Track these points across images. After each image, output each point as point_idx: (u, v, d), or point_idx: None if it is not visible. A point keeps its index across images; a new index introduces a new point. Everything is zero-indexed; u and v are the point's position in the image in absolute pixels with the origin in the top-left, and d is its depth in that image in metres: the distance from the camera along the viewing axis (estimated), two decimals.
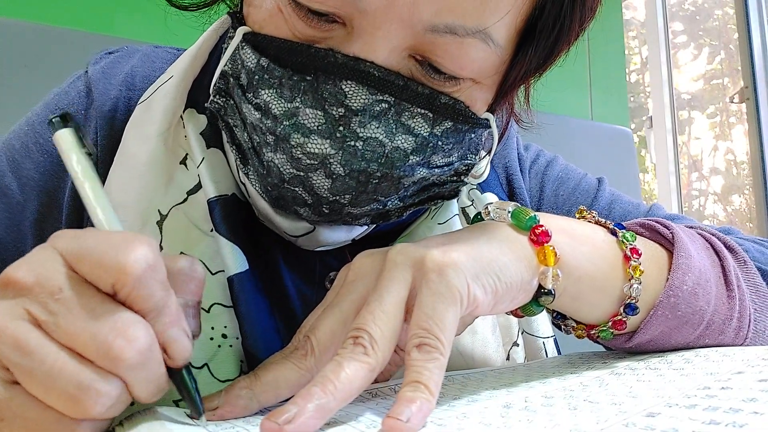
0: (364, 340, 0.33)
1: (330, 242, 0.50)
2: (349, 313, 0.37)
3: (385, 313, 0.34)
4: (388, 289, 0.35)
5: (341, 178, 0.42)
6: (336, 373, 0.32)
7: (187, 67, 0.53)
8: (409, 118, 0.42)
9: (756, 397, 0.30)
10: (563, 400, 0.34)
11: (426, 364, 0.33)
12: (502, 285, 0.38)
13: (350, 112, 0.40)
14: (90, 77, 0.55)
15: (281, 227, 0.48)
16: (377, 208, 0.46)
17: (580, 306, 0.43)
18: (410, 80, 0.41)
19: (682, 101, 3.01)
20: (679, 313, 0.44)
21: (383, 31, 0.39)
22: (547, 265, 0.40)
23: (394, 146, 0.42)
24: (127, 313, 0.29)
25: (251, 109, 0.43)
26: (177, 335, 0.31)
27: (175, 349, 0.31)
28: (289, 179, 0.43)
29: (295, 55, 0.41)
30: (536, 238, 0.40)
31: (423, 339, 0.33)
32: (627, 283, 0.43)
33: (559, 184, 0.65)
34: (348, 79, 0.40)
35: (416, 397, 0.31)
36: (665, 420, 0.28)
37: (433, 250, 0.36)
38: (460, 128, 0.44)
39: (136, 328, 0.29)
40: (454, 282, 0.35)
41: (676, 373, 0.38)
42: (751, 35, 2.31)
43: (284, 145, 0.41)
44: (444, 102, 0.43)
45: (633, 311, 0.43)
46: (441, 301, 0.34)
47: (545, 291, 0.40)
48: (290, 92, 0.41)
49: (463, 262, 0.36)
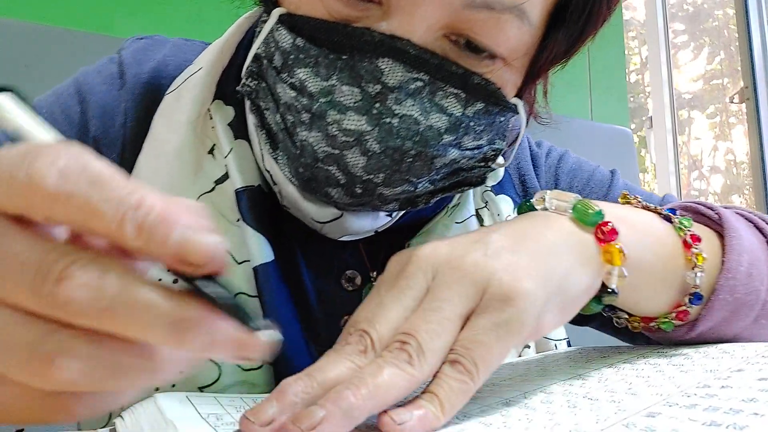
0: (411, 347, 0.30)
1: (355, 230, 0.50)
2: (412, 309, 0.33)
3: (441, 325, 0.31)
4: (449, 301, 0.32)
5: (376, 156, 0.42)
6: (374, 376, 0.29)
7: (215, 59, 0.53)
8: (443, 98, 0.43)
9: (756, 398, 0.30)
10: (562, 397, 0.34)
11: (451, 382, 0.30)
12: (570, 299, 0.36)
13: (386, 89, 0.41)
14: (123, 60, 0.56)
15: (308, 213, 0.48)
16: (408, 190, 0.46)
17: (641, 298, 0.42)
18: (444, 59, 0.42)
19: (682, 101, 3.01)
20: (737, 295, 0.43)
21: (421, 9, 0.40)
22: (613, 264, 0.38)
23: (428, 125, 0.42)
24: (58, 247, 0.21)
25: (286, 89, 0.43)
26: (185, 234, 0.21)
27: (190, 253, 0.21)
28: (323, 158, 0.43)
29: (332, 34, 0.41)
30: (603, 237, 0.38)
31: (460, 357, 0.31)
32: (690, 272, 0.42)
33: (573, 176, 0.65)
34: (384, 56, 0.41)
35: (424, 407, 0.29)
36: (665, 420, 0.28)
37: (506, 273, 0.33)
38: (491, 110, 0.45)
39: (66, 263, 0.21)
40: (520, 316, 0.32)
41: (675, 369, 0.38)
42: (751, 35, 2.30)
43: (320, 123, 0.42)
44: (476, 82, 0.43)
45: (699, 300, 0.42)
46: (496, 331, 0.31)
47: (608, 290, 0.38)
48: (326, 70, 0.41)
49: (534, 291, 0.33)
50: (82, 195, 0.20)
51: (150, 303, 0.21)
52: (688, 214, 0.48)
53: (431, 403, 0.29)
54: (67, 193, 0.20)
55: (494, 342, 0.31)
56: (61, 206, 0.21)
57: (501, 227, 0.38)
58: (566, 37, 0.45)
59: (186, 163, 0.49)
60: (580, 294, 0.37)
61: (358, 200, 0.45)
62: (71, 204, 0.20)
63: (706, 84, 3.14)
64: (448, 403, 0.30)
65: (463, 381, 0.30)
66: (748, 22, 2.32)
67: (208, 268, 0.22)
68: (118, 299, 0.21)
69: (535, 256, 0.35)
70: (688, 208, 0.49)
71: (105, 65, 0.56)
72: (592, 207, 0.39)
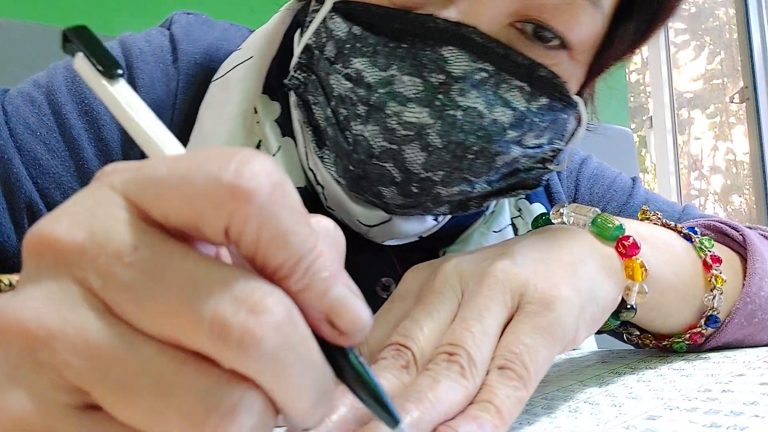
0: (462, 359, 0.28)
1: (403, 233, 0.48)
2: (447, 323, 0.32)
3: (486, 334, 0.30)
4: (490, 309, 0.31)
5: (437, 152, 0.40)
6: (433, 390, 0.27)
7: (265, 47, 0.50)
8: (507, 91, 0.40)
9: (757, 401, 0.30)
10: (563, 402, 0.34)
11: (505, 389, 0.28)
12: (599, 310, 0.35)
13: (451, 79, 0.39)
14: (174, 35, 0.52)
15: (354, 215, 0.46)
16: (465, 190, 0.43)
17: (657, 316, 0.41)
18: (511, 49, 0.40)
19: (683, 101, 3.00)
20: (756, 320, 0.42)
21: None
22: (635, 279, 0.37)
23: (492, 119, 0.40)
24: (248, 275, 0.18)
25: (341, 80, 0.41)
26: (344, 294, 0.19)
27: (345, 316, 0.19)
28: (379, 154, 0.40)
29: (392, 22, 0.39)
30: (625, 251, 0.37)
31: (509, 363, 0.28)
32: (709, 294, 0.41)
33: (594, 182, 0.64)
34: (449, 44, 0.38)
35: (482, 417, 0.26)
36: (666, 423, 0.28)
37: (541, 280, 0.32)
38: (555, 106, 0.43)
39: (264, 293, 0.18)
40: (562, 321, 0.31)
41: (676, 373, 0.38)
42: (751, 35, 2.30)
43: (378, 115, 0.39)
44: (542, 75, 0.41)
45: (714, 323, 0.41)
46: (541, 335, 0.30)
47: (627, 306, 0.37)
48: (386, 60, 0.39)
49: (571, 298, 0.32)
50: (283, 220, 0.18)
51: (320, 371, 0.19)
52: (711, 234, 0.47)
53: (488, 413, 0.27)
54: (272, 213, 0.18)
55: (540, 346, 0.30)
56: (259, 226, 0.18)
57: (522, 239, 0.37)
58: (634, 29, 0.43)
59: None
60: (607, 306, 0.35)
61: (412, 200, 0.43)
62: (270, 226, 0.18)
63: (706, 84, 3.14)
64: (506, 411, 0.27)
65: (517, 387, 0.28)
66: (748, 22, 2.32)
67: (351, 339, 0.20)
68: (300, 351, 0.18)
69: (564, 266, 0.34)
70: (711, 226, 0.48)
71: (154, 36, 0.52)
72: (613, 221, 0.38)
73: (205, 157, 0.18)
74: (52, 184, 0.45)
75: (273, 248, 0.18)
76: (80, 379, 0.17)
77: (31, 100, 0.46)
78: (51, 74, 0.48)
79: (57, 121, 0.46)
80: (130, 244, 0.18)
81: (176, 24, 0.53)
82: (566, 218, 0.40)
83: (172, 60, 0.50)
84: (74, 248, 0.18)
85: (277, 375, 0.17)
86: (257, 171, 0.17)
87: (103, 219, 0.18)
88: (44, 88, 0.47)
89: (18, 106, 0.46)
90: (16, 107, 0.46)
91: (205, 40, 0.52)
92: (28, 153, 0.45)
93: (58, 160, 0.45)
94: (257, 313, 0.17)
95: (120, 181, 0.19)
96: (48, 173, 0.45)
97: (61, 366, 0.17)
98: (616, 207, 0.63)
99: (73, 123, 0.46)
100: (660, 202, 0.65)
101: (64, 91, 0.46)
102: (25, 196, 0.44)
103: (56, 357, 0.17)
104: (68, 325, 0.17)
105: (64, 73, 0.48)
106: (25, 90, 0.47)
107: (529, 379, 0.28)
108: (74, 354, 0.17)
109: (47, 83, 0.47)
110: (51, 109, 0.46)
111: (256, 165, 0.18)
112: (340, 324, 0.19)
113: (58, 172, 0.45)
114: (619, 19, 0.43)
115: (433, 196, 0.43)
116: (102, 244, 0.18)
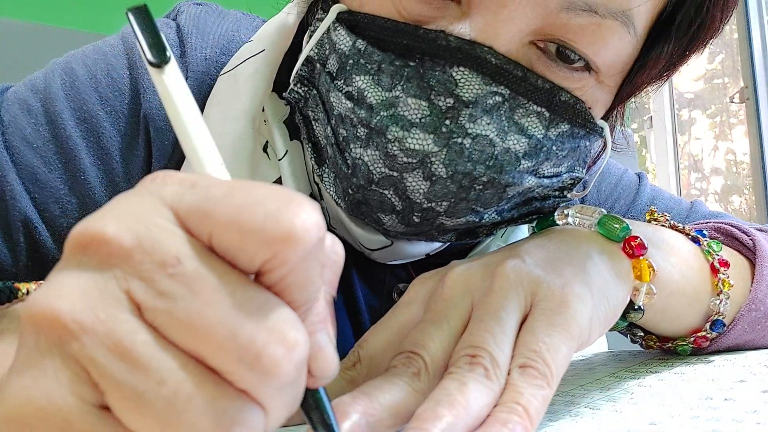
0: (485, 360, 0.28)
1: (408, 256, 0.46)
2: (458, 330, 0.31)
3: (506, 334, 0.29)
4: (505, 309, 0.30)
5: (442, 181, 0.37)
6: (463, 393, 0.26)
7: (277, 40, 0.46)
8: (523, 116, 0.37)
9: (758, 409, 0.30)
10: (564, 407, 0.34)
11: (530, 388, 0.28)
12: (611, 310, 0.34)
13: (460, 104, 0.35)
14: (182, 27, 0.48)
15: (356, 237, 0.44)
16: (472, 221, 0.40)
17: (663, 319, 0.41)
18: (530, 71, 0.36)
19: (683, 101, 3.00)
20: (759, 327, 0.42)
21: (509, 10, 0.34)
22: (642, 280, 0.36)
23: (504, 147, 0.37)
24: (284, 307, 0.19)
25: (341, 98, 0.38)
26: (324, 342, 0.22)
27: (321, 362, 0.21)
28: (378, 180, 0.38)
29: (400, 37, 0.36)
30: (632, 251, 0.37)
31: (530, 361, 0.28)
32: (715, 298, 0.41)
33: (601, 179, 0.63)
34: (460, 65, 0.35)
35: (511, 421, 0.26)
36: (667, 428, 0.28)
37: (553, 278, 0.32)
38: (576, 133, 0.39)
39: (296, 329, 0.19)
40: (577, 317, 0.31)
41: (677, 378, 0.38)
42: (751, 35, 2.30)
43: (378, 140, 0.36)
44: (564, 100, 0.38)
45: (720, 328, 0.41)
46: (559, 333, 0.30)
47: (635, 307, 0.37)
48: (390, 79, 0.36)
49: (585, 295, 0.32)
50: (311, 270, 0.20)
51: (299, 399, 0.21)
52: (720, 236, 0.47)
53: (516, 414, 0.26)
54: (308, 263, 0.19)
55: (559, 343, 0.30)
56: (294, 269, 0.19)
57: (528, 241, 0.37)
58: (669, 53, 0.39)
59: (243, 161, 0.43)
60: (618, 305, 0.35)
61: (413, 229, 0.40)
62: (300, 272, 0.19)
63: (707, 84, 3.13)
64: (534, 411, 0.27)
65: (541, 386, 0.28)
66: (748, 22, 2.31)
67: (318, 382, 0.22)
68: (300, 383, 0.20)
69: (574, 264, 0.34)
70: (721, 229, 0.47)
71: (160, 27, 0.50)
72: (619, 221, 0.37)
73: (263, 194, 0.19)
74: (50, 199, 0.43)
75: (293, 288, 0.20)
76: (101, 378, 0.18)
77: (28, 109, 0.44)
78: (49, 78, 0.46)
79: (53, 132, 0.44)
80: (175, 256, 0.18)
81: (184, 15, 0.49)
82: (571, 219, 0.40)
83: (179, 54, 0.47)
84: (121, 251, 0.18)
85: (281, 401, 0.19)
86: (310, 223, 0.19)
87: (151, 228, 0.19)
88: (41, 94, 0.45)
89: (15, 115, 0.44)
90: (13, 116, 0.44)
91: (216, 33, 0.48)
92: (25, 168, 0.43)
93: (55, 173, 0.43)
94: (288, 348, 0.19)
95: (170, 193, 0.20)
96: (46, 187, 0.43)
97: (87, 361, 0.18)
98: (624, 205, 0.62)
99: (70, 133, 0.44)
100: (667, 199, 0.64)
101: (61, 98, 0.44)
102: (20, 213, 0.43)
103: (83, 351, 0.18)
104: (100, 322, 0.18)
105: (62, 75, 0.46)
106: (22, 95, 0.45)
107: (551, 377, 0.28)
108: (101, 351, 0.18)
109: (44, 89, 0.45)
110: (47, 118, 0.44)
111: (310, 216, 0.19)
112: (312, 366, 0.21)
113: (56, 186, 0.43)
114: (655, 41, 0.39)
115: (437, 226, 0.40)
116: (149, 251, 0.18)
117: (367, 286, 0.48)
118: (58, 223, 0.43)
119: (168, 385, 0.18)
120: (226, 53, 0.47)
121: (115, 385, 0.18)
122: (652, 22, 0.39)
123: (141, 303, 0.18)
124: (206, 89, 0.46)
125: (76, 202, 0.43)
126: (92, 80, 0.45)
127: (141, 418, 0.18)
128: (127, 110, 0.45)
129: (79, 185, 0.44)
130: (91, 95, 0.44)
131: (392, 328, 0.34)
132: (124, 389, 0.18)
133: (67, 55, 0.47)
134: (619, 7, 0.35)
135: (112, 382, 0.18)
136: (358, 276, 0.48)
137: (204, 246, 0.19)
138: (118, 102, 0.45)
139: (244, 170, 0.43)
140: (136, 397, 0.18)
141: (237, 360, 0.18)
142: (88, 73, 0.45)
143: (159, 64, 0.23)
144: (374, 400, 0.27)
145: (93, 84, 0.45)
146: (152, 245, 0.18)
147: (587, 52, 0.36)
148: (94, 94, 0.44)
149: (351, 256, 0.46)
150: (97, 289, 0.18)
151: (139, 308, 0.18)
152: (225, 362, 0.18)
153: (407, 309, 0.35)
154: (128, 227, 0.19)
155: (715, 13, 0.39)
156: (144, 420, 0.18)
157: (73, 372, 0.18)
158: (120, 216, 0.19)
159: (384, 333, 0.34)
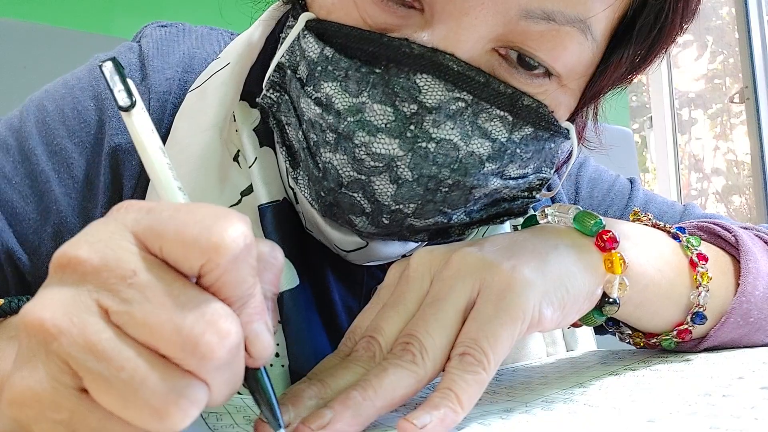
0: (414, 347, 0.32)
1: (383, 257, 0.47)
2: (413, 312, 0.34)
3: (440, 321, 0.32)
4: (447, 296, 0.33)
5: (408, 184, 0.38)
6: (379, 378, 0.30)
7: (244, 53, 0.48)
8: (487, 121, 0.38)
9: (756, 405, 0.30)
10: (563, 405, 0.34)
11: (464, 374, 0.31)
12: (570, 298, 0.36)
13: (423, 109, 0.37)
14: (144, 51, 0.50)
15: (331, 239, 0.45)
16: (441, 221, 0.42)
17: (643, 314, 0.42)
18: (492, 77, 0.38)
19: (684, 101, 3.00)
20: (751, 319, 0.43)
21: (470, 18, 0.36)
22: (614, 273, 0.38)
23: (468, 151, 0.38)
24: (217, 303, 0.24)
25: (310, 104, 0.39)
26: (261, 330, 0.26)
27: (258, 346, 0.26)
28: (347, 183, 0.39)
29: (366, 44, 0.37)
30: (603, 244, 0.38)
31: (468, 349, 0.31)
32: (694, 291, 0.42)
33: (593, 185, 0.64)
34: (423, 72, 0.36)
35: (442, 405, 0.29)
36: (665, 424, 0.28)
37: (503, 263, 0.34)
38: (540, 135, 0.40)
39: (228, 320, 0.24)
40: (520, 301, 0.33)
41: (676, 375, 0.38)
42: (751, 35, 2.30)
43: (346, 144, 0.38)
44: (527, 104, 0.39)
45: (701, 320, 0.42)
46: (499, 317, 0.32)
47: (610, 300, 0.38)
48: (357, 86, 0.37)
49: (533, 280, 0.34)
50: (240, 271, 0.24)
51: (240, 378, 0.26)
52: (702, 234, 0.47)
53: (447, 399, 0.30)
54: (236, 266, 0.24)
55: (499, 329, 0.32)
56: (225, 272, 0.24)
57: (501, 235, 0.39)
58: (631, 57, 0.41)
59: (211, 171, 0.45)
60: (581, 295, 0.37)
61: (383, 230, 0.42)
62: (231, 274, 0.24)
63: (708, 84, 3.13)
64: (465, 395, 0.30)
65: (476, 371, 0.31)
66: (748, 22, 2.31)
67: (257, 362, 0.26)
68: (236, 364, 0.25)
69: (534, 253, 0.36)
70: (704, 228, 0.48)
71: (122, 54, 0.50)
72: (593, 217, 0.39)
73: (202, 213, 0.24)
74: (29, 230, 0.46)
75: (227, 287, 0.24)
76: (77, 368, 0.23)
77: (6, 148, 0.47)
78: (24, 116, 0.48)
79: (27, 168, 0.46)
80: (133, 270, 0.23)
81: (147, 38, 0.51)
82: (551, 218, 0.41)
83: (140, 78, 0.48)
84: (92, 269, 0.24)
85: (221, 378, 0.24)
86: (236, 234, 0.24)
87: (115, 249, 0.24)
88: (17, 134, 0.48)
89: None
90: None
91: (178, 52, 0.51)
92: (6, 203, 0.46)
93: (31, 206, 0.46)
94: (221, 336, 0.23)
95: (131, 220, 0.25)
96: (24, 220, 0.46)
97: (65, 356, 0.23)
98: (617, 210, 0.63)
99: (43, 167, 0.46)
100: (660, 203, 0.65)
101: (34, 135, 0.47)
102: (3, 246, 0.45)
103: (62, 349, 0.23)
104: (74, 325, 0.23)
105: (35, 113, 0.48)
106: (1, 135, 0.48)
107: (488, 362, 0.31)
108: (75, 348, 0.23)
109: (20, 128, 0.48)
110: (22, 156, 0.47)
111: (237, 228, 0.24)
112: (251, 349, 0.26)
113: (33, 218, 0.46)
114: (617, 45, 0.41)
115: (407, 227, 0.42)
116: (113, 267, 0.23)
117: (345, 287, 0.49)
118: (38, 251, 0.46)
119: (126, 370, 0.23)
120: (189, 71, 0.50)
121: (87, 372, 0.23)
122: (614, 26, 0.40)
123: (108, 308, 0.23)
124: (170, 108, 0.48)
125: (51, 231, 0.46)
126: (60, 115, 0.48)
127: (108, 396, 0.23)
128: (93, 139, 0.47)
129: (53, 215, 0.46)
130: (60, 129, 0.47)
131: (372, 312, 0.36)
132: (94, 375, 0.23)
133: (41, 91, 0.50)
134: (577, 15, 0.36)
135: (85, 370, 0.23)
136: (334, 277, 0.49)
137: (156, 259, 0.24)
138: (84, 133, 0.47)
139: (212, 179, 0.45)
140: (103, 380, 0.23)
141: (181, 348, 0.23)
142: (57, 108, 0.48)
143: (127, 108, 0.28)
144: (327, 387, 0.32)
145: (61, 118, 0.47)
146: (116, 263, 0.24)
147: (547, 59, 0.38)
148: (62, 128, 0.47)
149: (327, 259, 0.48)
150: (72, 299, 0.23)
151: (107, 312, 0.23)
152: (172, 350, 0.23)
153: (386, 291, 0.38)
154: (96, 250, 0.24)
155: (675, 18, 0.40)
156: (110, 397, 0.23)
157: (56, 365, 0.23)
158: (90, 241, 0.24)
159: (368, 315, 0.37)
